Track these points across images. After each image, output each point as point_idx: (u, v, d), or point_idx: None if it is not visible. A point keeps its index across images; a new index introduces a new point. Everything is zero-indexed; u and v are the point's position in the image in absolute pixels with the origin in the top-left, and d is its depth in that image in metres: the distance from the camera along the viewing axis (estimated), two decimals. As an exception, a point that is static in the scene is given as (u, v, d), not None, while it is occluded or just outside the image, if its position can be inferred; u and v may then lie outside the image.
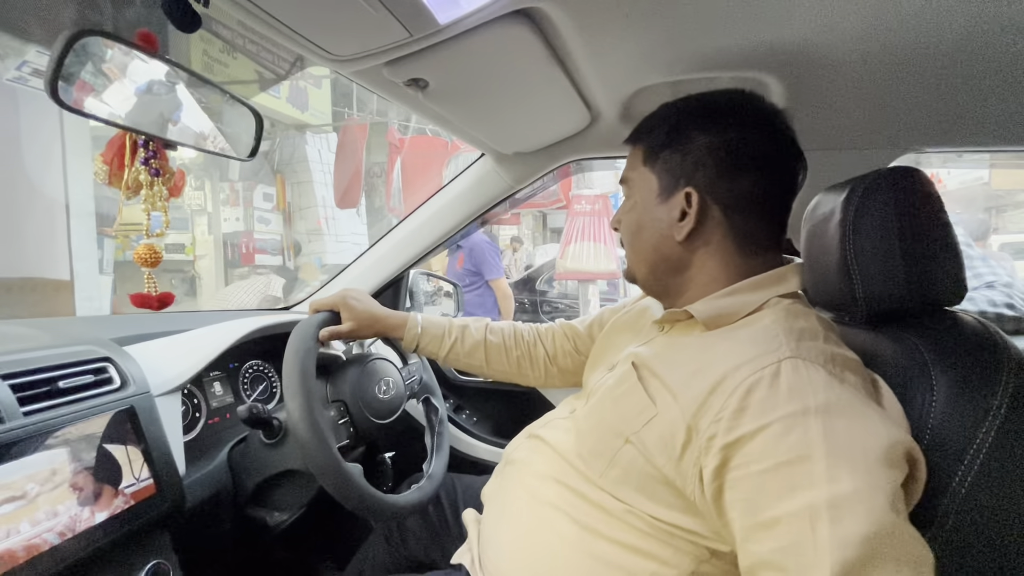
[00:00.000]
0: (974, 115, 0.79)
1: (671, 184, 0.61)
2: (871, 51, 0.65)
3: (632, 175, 0.66)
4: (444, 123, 0.83)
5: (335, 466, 0.70)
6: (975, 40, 0.61)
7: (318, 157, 6.13)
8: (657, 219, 0.62)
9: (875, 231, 0.55)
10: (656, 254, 0.63)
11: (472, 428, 1.30)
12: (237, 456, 0.86)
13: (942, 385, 0.47)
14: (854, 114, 0.82)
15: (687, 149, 0.60)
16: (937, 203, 0.56)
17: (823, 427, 0.42)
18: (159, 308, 0.56)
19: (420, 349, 0.88)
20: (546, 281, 5.57)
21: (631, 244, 0.66)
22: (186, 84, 0.66)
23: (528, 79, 0.72)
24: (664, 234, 0.61)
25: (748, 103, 0.61)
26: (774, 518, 0.42)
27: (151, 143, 0.54)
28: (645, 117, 0.67)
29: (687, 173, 0.60)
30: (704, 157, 0.59)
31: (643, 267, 0.65)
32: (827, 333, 0.53)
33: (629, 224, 0.66)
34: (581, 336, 0.89)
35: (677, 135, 0.61)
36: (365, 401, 0.82)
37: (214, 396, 0.95)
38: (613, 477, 0.55)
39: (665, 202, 0.61)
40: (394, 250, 1.21)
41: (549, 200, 6.41)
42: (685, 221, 0.59)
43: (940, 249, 0.55)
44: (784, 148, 0.60)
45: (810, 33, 0.63)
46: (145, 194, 0.52)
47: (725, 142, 0.59)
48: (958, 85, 0.71)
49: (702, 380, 0.49)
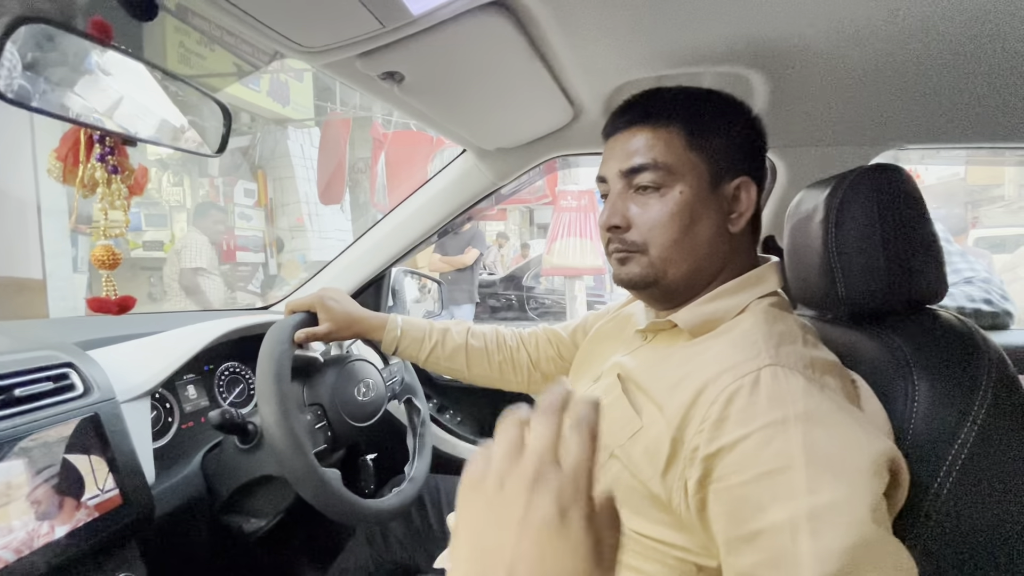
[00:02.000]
0: (954, 112, 0.79)
1: (721, 171, 0.57)
2: (854, 47, 0.65)
3: (672, 161, 0.56)
4: (423, 118, 0.81)
5: (311, 472, 0.68)
6: (955, 38, 0.61)
7: (300, 152, 6.03)
8: (711, 209, 0.57)
9: (858, 228, 0.55)
10: (709, 248, 0.57)
11: (456, 428, 1.28)
12: (211, 462, 0.84)
13: (923, 386, 0.47)
14: (836, 110, 0.82)
15: (732, 134, 0.58)
16: (919, 201, 0.55)
17: (803, 436, 0.41)
18: (119, 312, 0.53)
19: (399, 352, 0.86)
20: (532, 277, 5.56)
21: (674, 239, 0.57)
22: (148, 76, 0.63)
23: (508, 73, 0.70)
24: (720, 225, 0.57)
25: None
26: (756, 531, 0.41)
27: (108, 138, 0.51)
28: (655, 95, 0.60)
29: (737, 160, 0.57)
30: (745, 144, 0.58)
31: (685, 264, 0.57)
32: (805, 335, 0.53)
33: (673, 215, 0.56)
34: (565, 342, 0.88)
35: (721, 117, 0.58)
36: (344, 404, 0.80)
37: (187, 400, 0.92)
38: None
39: (715, 191, 0.57)
40: (375, 248, 1.19)
41: (535, 196, 6.40)
42: (740, 212, 0.57)
43: (922, 247, 0.54)
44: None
45: (794, 28, 0.62)
46: (102, 192, 0.49)
47: (752, 131, 0.59)
48: (938, 82, 0.71)
49: (685, 391, 0.48)
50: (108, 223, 0.51)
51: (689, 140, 0.57)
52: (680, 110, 0.58)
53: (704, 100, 0.59)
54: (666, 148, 0.57)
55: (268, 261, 6.00)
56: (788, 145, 0.94)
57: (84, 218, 3.34)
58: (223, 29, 3.84)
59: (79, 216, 3.24)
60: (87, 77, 0.50)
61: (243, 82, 4.83)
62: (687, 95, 0.60)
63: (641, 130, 0.58)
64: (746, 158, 0.58)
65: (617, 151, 0.60)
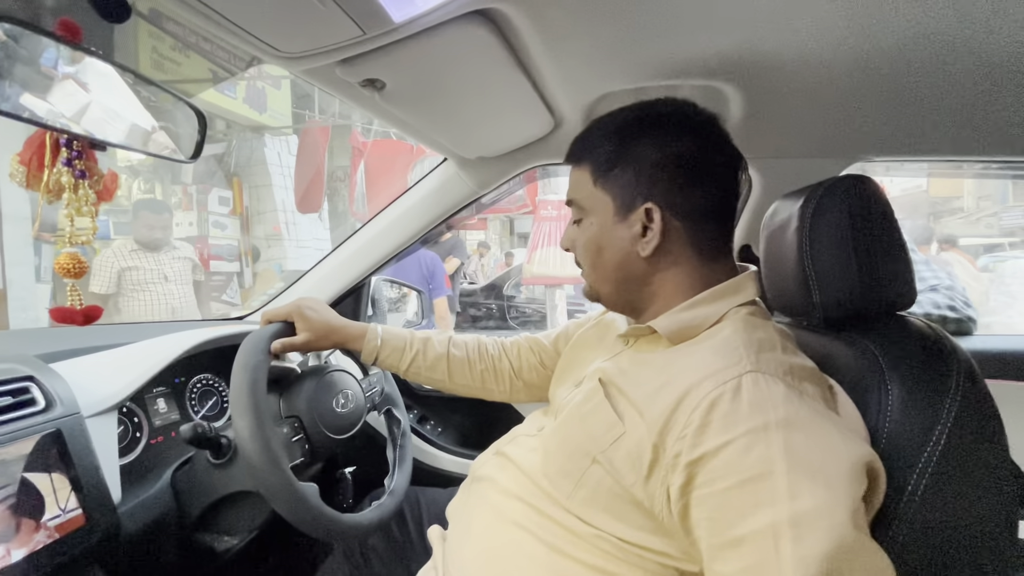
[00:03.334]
0: (920, 126, 0.83)
1: (628, 201, 0.59)
2: (825, 63, 0.67)
3: (581, 196, 0.63)
4: (404, 127, 0.80)
5: (288, 487, 0.66)
6: (923, 55, 0.64)
7: (278, 160, 5.94)
8: (618, 238, 0.60)
9: (831, 237, 0.56)
10: (621, 272, 0.61)
11: (437, 439, 1.26)
12: (182, 478, 0.81)
13: (896, 391, 0.48)
14: (808, 123, 0.84)
15: (639, 165, 0.59)
16: (888, 210, 0.57)
17: (784, 442, 0.42)
18: (84, 323, 0.51)
19: (379, 362, 0.84)
20: (513, 286, 5.57)
21: (592, 265, 0.64)
22: (119, 79, 0.61)
23: (489, 82, 0.71)
24: (628, 252, 0.60)
25: (686, 111, 0.61)
26: (739, 537, 0.42)
27: (75, 142, 0.49)
28: (580, 135, 0.65)
29: (643, 189, 0.59)
30: (657, 171, 0.59)
31: (607, 286, 0.63)
32: (784, 342, 0.54)
33: (587, 245, 0.63)
34: (547, 350, 0.88)
35: (624, 151, 0.60)
36: (321, 416, 0.78)
37: (157, 414, 0.89)
38: (581, 498, 0.54)
39: (624, 220, 0.60)
40: (354, 257, 1.17)
41: (516, 205, 6.42)
42: (648, 237, 0.59)
43: (892, 255, 0.56)
44: (729, 154, 0.61)
45: (768, 45, 0.64)
46: (68, 198, 0.47)
47: (676, 154, 0.59)
48: (906, 97, 0.74)
49: (666, 396, 0.49)
50: (74, 230, 0.49)
51: (595, 177, 0.62)
52: (588, 151, 0.63)
53: (612, 136, 0.61)
54: (579, 186, 0.64)
55: (243, 270, 5.87)
56: (762, 157, 0.97)
57: (48, 226, 3.22)
58: (198, 35, 3.78)
59: (43, 223, 3.12)
60: (54, 79, 0.48)
61: (219, 89, 4.75)
62: (598, 134, 0.63)
63: (572, 168, 0.65)
64: (653, 185, 0.58)
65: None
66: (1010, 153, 0.86)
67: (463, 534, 0.66)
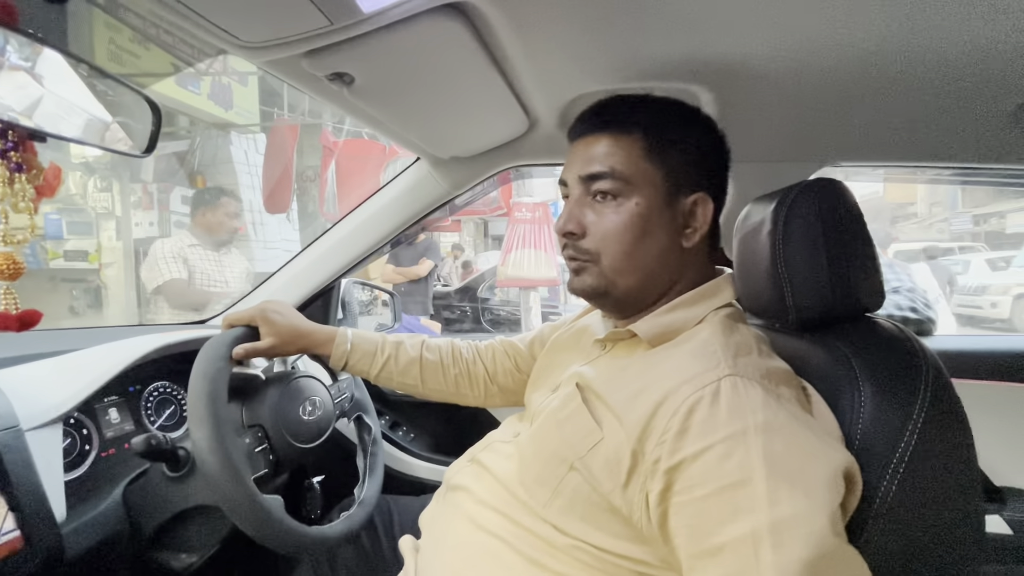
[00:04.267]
0: (888, 132, 0.85)
1: (676, 186, 0.56)
2: (799, 68, 0.68)
3: (625, 167, 0.55)
4: (375, 124, 0.78)
5: (250, 501, 0.62)
6: (889, 62, 0.65)
7: (244, 159, 5.76)
8: (665, 224, 0.56)
9: (803, 240, 0.57)
10: (659, 262, 0.57)
11: (409, 446, 1.23)
12: (135, 493, 0.76)
13: (868, 392, 0.48)
14: (780, 128, 0.86)
15: (691, 148, 0.57)
16: (858, 213, 0.58)
17: (763, 448, 0.42)
18: (20, 329, 0.47)
19: (349, 367, 0.81)
20: (487, 288, 5.54)
21: (626, 252, 0.56)
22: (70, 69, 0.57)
23: (463, 79, 0.69)
24: (673, 241, 0.56)
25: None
26: (718, 545, 0.41)
27: (11, 132, 0.45)
28: (618, 99, 0.59)
29: (694, 175, 0.56)
30: (705, 160, 0.58)
31: (633, 278, 0.57)
32: (759, 345, 0.54)
33: (627, 227, 0.55)
34: (522, 354, 0.87)
35: (683, 129, 0.57)
36: (287, 424, 0.75)
37: (109, 425, 0.83)
38: (558, 507, 0.52)
39: (670, 205, 0.56)
40: (323, 258, 1.13)
41: (490, 207, 6.41)
42: (693, 227, 0.57)
43: (862, 257, 0.57)
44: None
45: (740, 48, 0.64)
46: (2, 192, 0.43)
47: (713, 144, 0.59)
48: (874, 103, 0.76)
49: (645, 402, 0.48)
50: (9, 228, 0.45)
51: (647, 151, 0.55)
52: (641, 119, 0.56)
53: (667, 110, 0.58)
54: (625, 157, 0.56)
55: (208, 272, 5.66)
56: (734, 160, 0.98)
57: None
58: (159, 27, 3.63)
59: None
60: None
61: (182, 84, 4.57)
62: (651, 103, 0.59)
63: (602, 136, 0.57)
64: (704, 174, 0.58)
65: (579, 155, 0.58)
66: (975, 160, 0.89)
67: (437, 545, 0.64)
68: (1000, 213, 12.51)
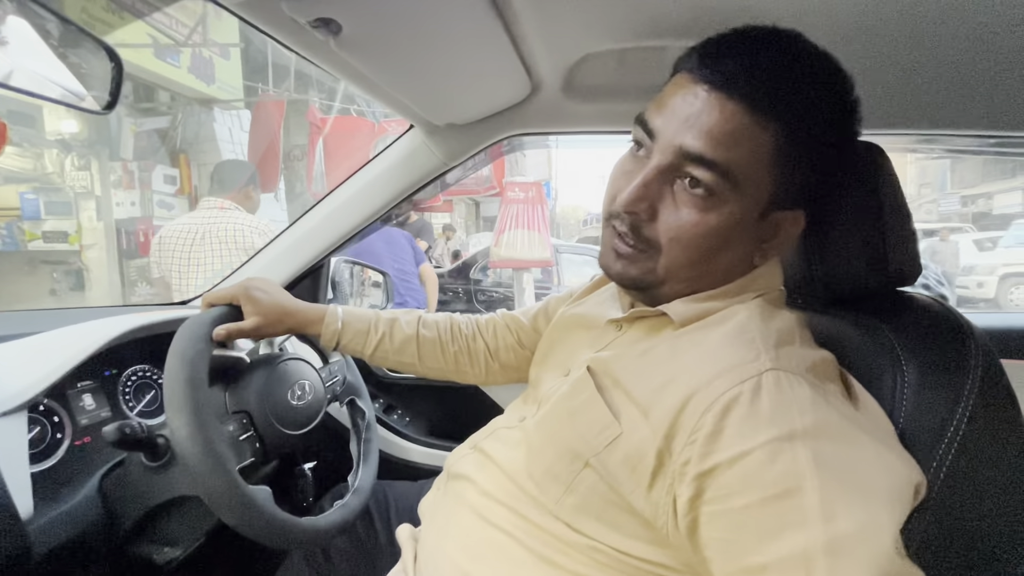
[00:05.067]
0: (917, 100, 0.80)
1: (782, 199, 0.46)
2: (824, 25, 0.62)
3: (742, 173, 0.43)
4: (364, 83, 0.71)
5: (233, 492, 0.58)
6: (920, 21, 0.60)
7: (229, 136, 5.60)
8: (748, 238, 0.47)
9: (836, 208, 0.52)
10: (724, 275, 0.49)
11: (405, 430, 1.19)
12: (113, 483, 0.71)
13: (912, 372, 0.44)
14: None
15: (823, 158, 0.46)
16: (894, 179, 0.54)
17: (813, 454, 0.36)
18: None
19: (342, 347, 0.76)
20: (480, 269, 5.49)
21: (693, 263, 0.47)
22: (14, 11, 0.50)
23: (463, 32, 0.62)
24: (747, 255, 0.49)
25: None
26: (760, 565, 0.36)
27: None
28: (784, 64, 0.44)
29: (807, 191, 0.47)
30: (830, 173, 0.48)
31: (687, 284, 0.49)
32: (802, 331, 0.48)
33: (703, 237, 0.45)
34: (525, 329, 0.82)
35: (828, 131, 0.45)
36: (274, 410, 0.70)
37: (83, 411, 0.77)
38: (570, 505, 0.47)
39: (763, 219, 0.47)
40: (311, 235, 1.07)
41: (483, 187, 6.32)
42: (775, 244, 0.49)
43: (897, 226, 0.53)
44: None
45: (770, 3, 0.58)
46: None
47: (844, 160, 0.48)
48: (903, 66, 0.71)
49: (673, 394, 0.42)
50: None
51: (777, 155, 0.44)
52: (790, 105, 0.43)
53: (823, 99, 0.45)
54: (749, 154, 0.43)
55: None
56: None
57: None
58: (134, -5, 3.46)
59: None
60: None
61: (160, 56, 4.38)
62: (807, 80, 0.44)
63: (735, 106, 0.43)
64: (815, 191, 0.48)
65: (692, 110, 0.44)
66: (1003, 128, 0.85)
67: (439, 533, 0.60)
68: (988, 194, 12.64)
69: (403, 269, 2.79)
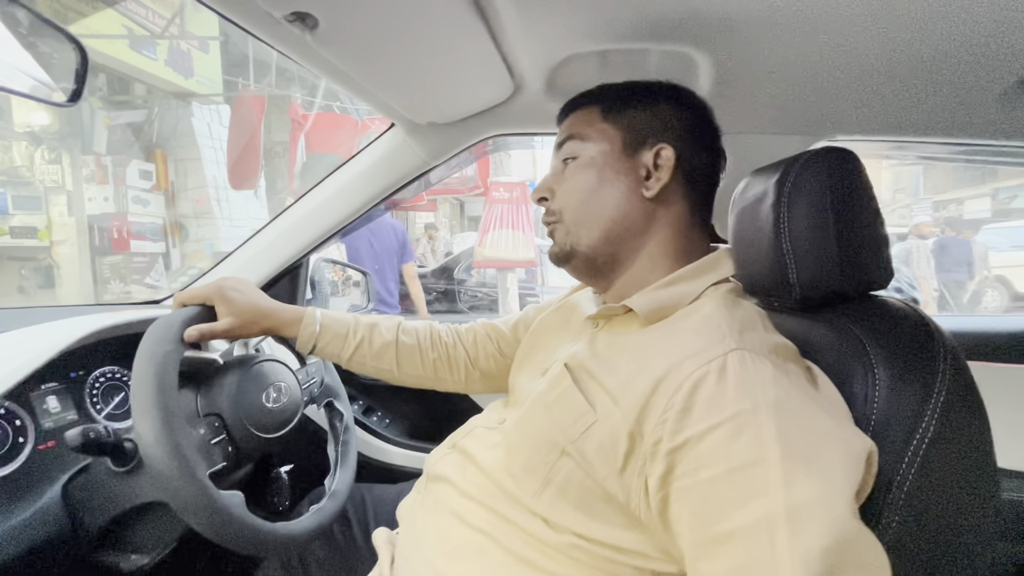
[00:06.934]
0: (892, 106, 0.81)
1: (639, 139, 0.57)
2: (798, 33, 0.63)
3: (586, 131, 0.59)
4: (343, 79, 0.70)
5: (203, 497, 0.56)
6: (892, 30, 0.61)
7: (207, 131, 5.48)
8: (623, 172, 0.57)
9: (810, 213, 0.53)
10: (618, 212, 0.56)
11: (384, 432, 1.18)
12: (78, 489, 0.68)
13: (883, 374, 0.45)
14: (779, 98, 0.82)
15: (655, 109, 0.58)
16: (868, 186, 0.55)
17: (776, 427, 0.39)
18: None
19: (318, 350, 0.75)
20: (464, 269, 5.46)
21: (582, 204, 0.58)
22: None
23: (445, 30, 0.62)
24: (631, 189, 0.57)
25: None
26: (727, 531, 0.38)
27: None
28: (591, 90, 0.63)
29: (657, 130, 0.57)
30: (672, 120, 0.58)
31: (593, 232, 0.57)
32: (764, 321, 0.51)
33: (580, 184, 0.58)
34: (505, 337, 0.82)
35: (641, 96, 0.59)
36: (248, 413, 0.68)
37: (47, 414, 0.75)
38: (549, 496, 0.49)
39: (631, 156, 0.57)
40: (290, 233, 1.05)
41: (467, 187, 6.29)
42: (654, 178, 0.56)
43: (871, 232, 0.54)
44: (720, 136, 0.62)
45: (743, 8, 0.59)
46: None
47: (691, 112, 0.60)
48: (879, 74, 0.72)
49: (643, 380, 0.44)
50: None
51: (605, 112, 0.59)
52: (599, 94, 0.61)
53: (627, 85, 0.62)
54: (583, 121, 0.60)
55: (170, 251, 5.41)
56: (729, 132, 0.94)
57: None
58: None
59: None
60: None
61: (136, 48, 4.26)
62: (610, 86, 0.62)
63: (574, 111, 0.62)
64: (669, 129, 0.58)
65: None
66: (978, 136, 0.87)
67: (418, 537, 0.59)
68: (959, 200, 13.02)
69: (380, 261, 2.56)
